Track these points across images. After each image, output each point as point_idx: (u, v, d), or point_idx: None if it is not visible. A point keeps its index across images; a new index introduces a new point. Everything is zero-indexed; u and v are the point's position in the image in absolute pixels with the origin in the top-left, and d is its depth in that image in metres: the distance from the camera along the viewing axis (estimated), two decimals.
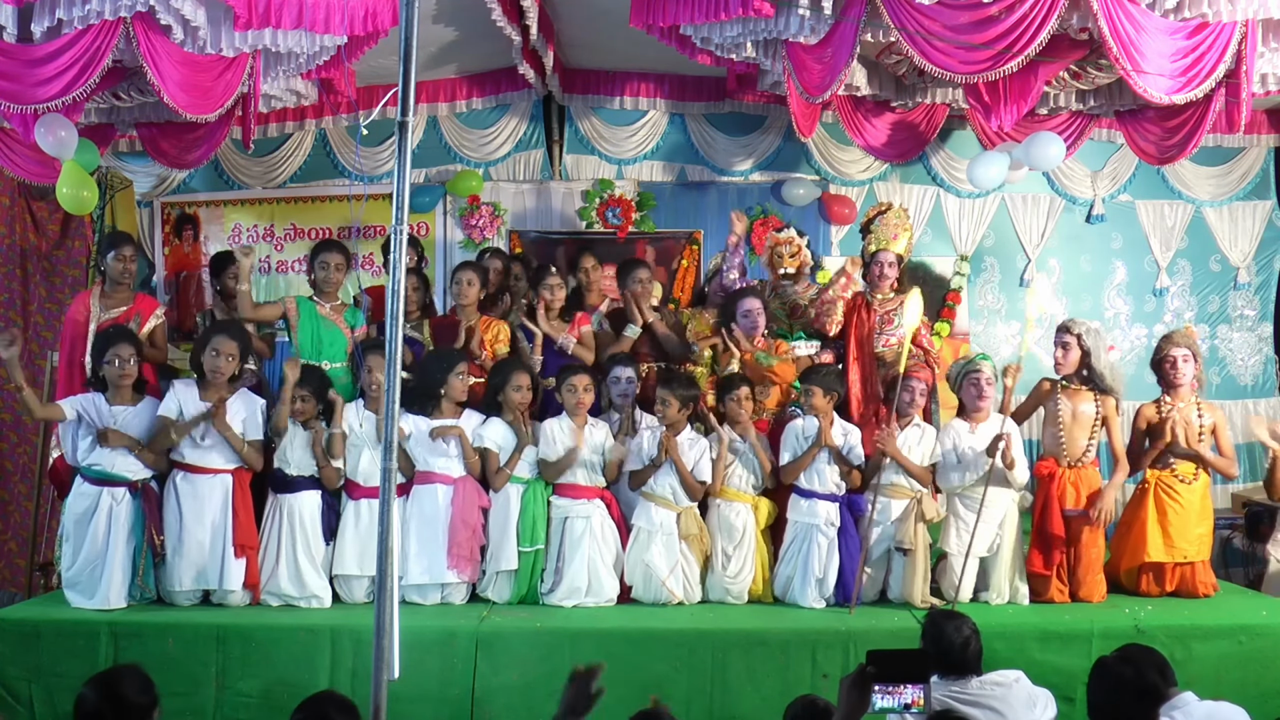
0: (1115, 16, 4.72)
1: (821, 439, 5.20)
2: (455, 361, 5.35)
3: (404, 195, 3.38)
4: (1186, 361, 5.46)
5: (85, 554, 4.98)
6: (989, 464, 5.09)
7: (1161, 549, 5.37)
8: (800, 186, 7.60)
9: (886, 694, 2.61)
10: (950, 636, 3.47)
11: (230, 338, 5.14)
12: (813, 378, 5.34)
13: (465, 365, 5.38)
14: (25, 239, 7.40)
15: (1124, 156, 7.55)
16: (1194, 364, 5.49)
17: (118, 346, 5.03)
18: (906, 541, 5.19)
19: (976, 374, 5.35)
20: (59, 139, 5.32)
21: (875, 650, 2.64)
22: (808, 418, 5.33)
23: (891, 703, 2.59)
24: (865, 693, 2.57)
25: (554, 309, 5.93)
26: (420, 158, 7.43)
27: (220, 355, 5.07)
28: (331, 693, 3.13)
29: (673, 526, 5.19)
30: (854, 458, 5.30)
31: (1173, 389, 5.50)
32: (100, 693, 2.85)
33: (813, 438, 5.25)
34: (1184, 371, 5.46)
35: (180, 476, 5.08)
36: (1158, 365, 5.59)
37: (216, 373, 5.07)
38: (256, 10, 4.71)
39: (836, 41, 5.15)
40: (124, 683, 2.87)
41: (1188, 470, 5.44)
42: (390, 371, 3.39)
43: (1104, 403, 5.41)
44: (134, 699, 2.84)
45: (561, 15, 6.35)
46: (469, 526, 5.19)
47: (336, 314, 5.71)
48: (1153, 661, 3.26)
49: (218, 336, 5.15)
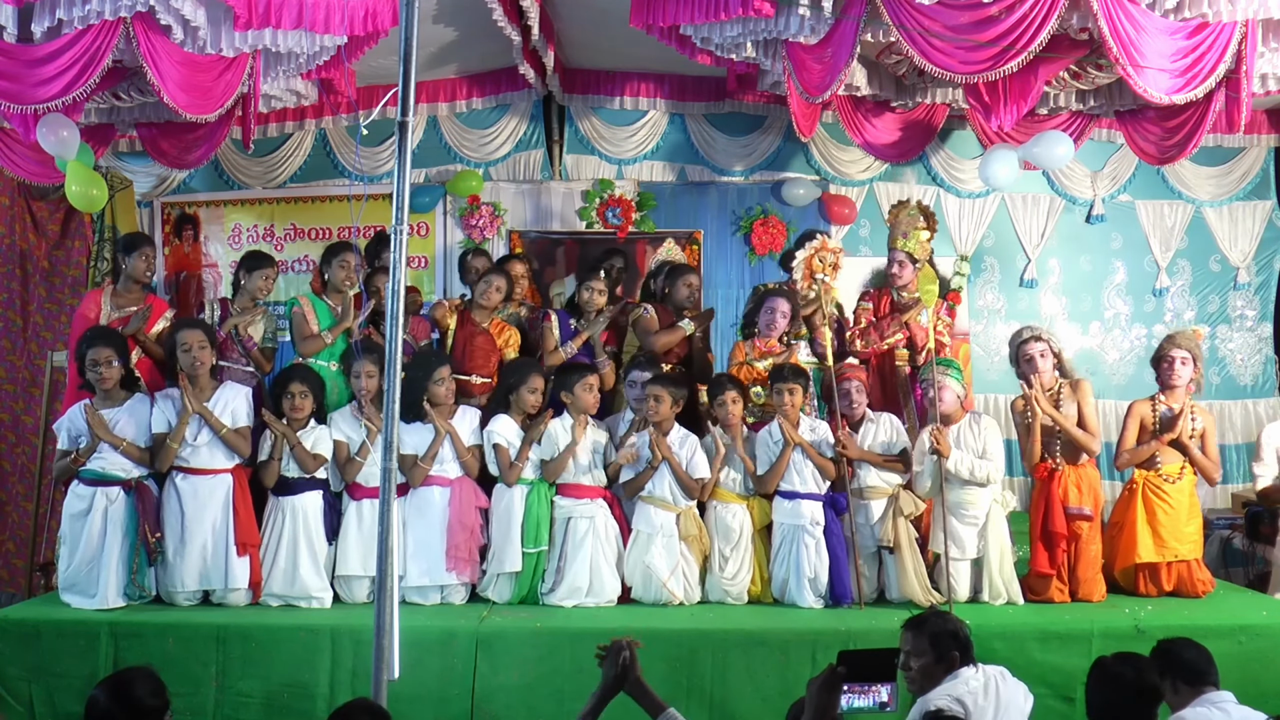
0: (1115, 16, 4.71)
1: (791, 439, 5.21)
2: (435, 367, 5.32)
3: (404, 195, 3.39)
4: (1185, 364, 5.48)
5: (81, 554, 4.98)
6: (936, 460, 5.16)
7: (1152, 549, 5.38)
8: (800, 186, 7.60)
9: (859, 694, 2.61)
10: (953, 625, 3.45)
11: (194, 328, 5.19)
12: (792, 377, 5.34)
13: (446, 370, 5.34)
14: (25, 239, 7.40)
15: (1124, 156, 7.55)
16: (1193, 367, 5.51)
17: (95, 350, 5.01)
18: (887, 539, 5.21)
19: (925, 382, 5.40)
20: (61, 139, 5.32)
21: (846, 650, 2.65)
22: (774, 422, 5.33)
23: (863, 702, 2.60)
24: (835, 694, 2.57)
25: (591, 311, 5.90)
26: (420, 158, 7.42)
27: (191, 348, 5.08)
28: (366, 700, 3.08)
29: (673, 528, 5.19)
30: (826, 450, 5.30)
31: (1168, 389, 5.53)
32: (112, 695, 2.83)
33: (781, 441, 5.26)
34: (1180, 374, 5.48)
35: (180, 477, 5.09)
36: (1156, 363, 5.63)
37: (194, 365, 5.09)
38: (256, 10, 4.71)
39: (836, 41, 5.15)
40: (136, 685, 2.85)
41: (1174, 470, 5.45)
42: (390, 372, 3.40)
43: (1078, 389, 5.44)
44: (146, 702, 2.82)
45: (562, 15, 6.35)
46: (466, 528, 5.19)
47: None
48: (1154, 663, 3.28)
49: (182, 331, 5.18)
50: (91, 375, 5.01)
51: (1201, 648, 3.40)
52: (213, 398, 5.14)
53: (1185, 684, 3.31)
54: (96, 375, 5.00)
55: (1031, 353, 5.47)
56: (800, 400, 5.33)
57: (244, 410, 5.19)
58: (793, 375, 5.34)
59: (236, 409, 5.16)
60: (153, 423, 5.09)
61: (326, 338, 5.60)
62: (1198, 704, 3.25)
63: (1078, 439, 5.34)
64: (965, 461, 5.21)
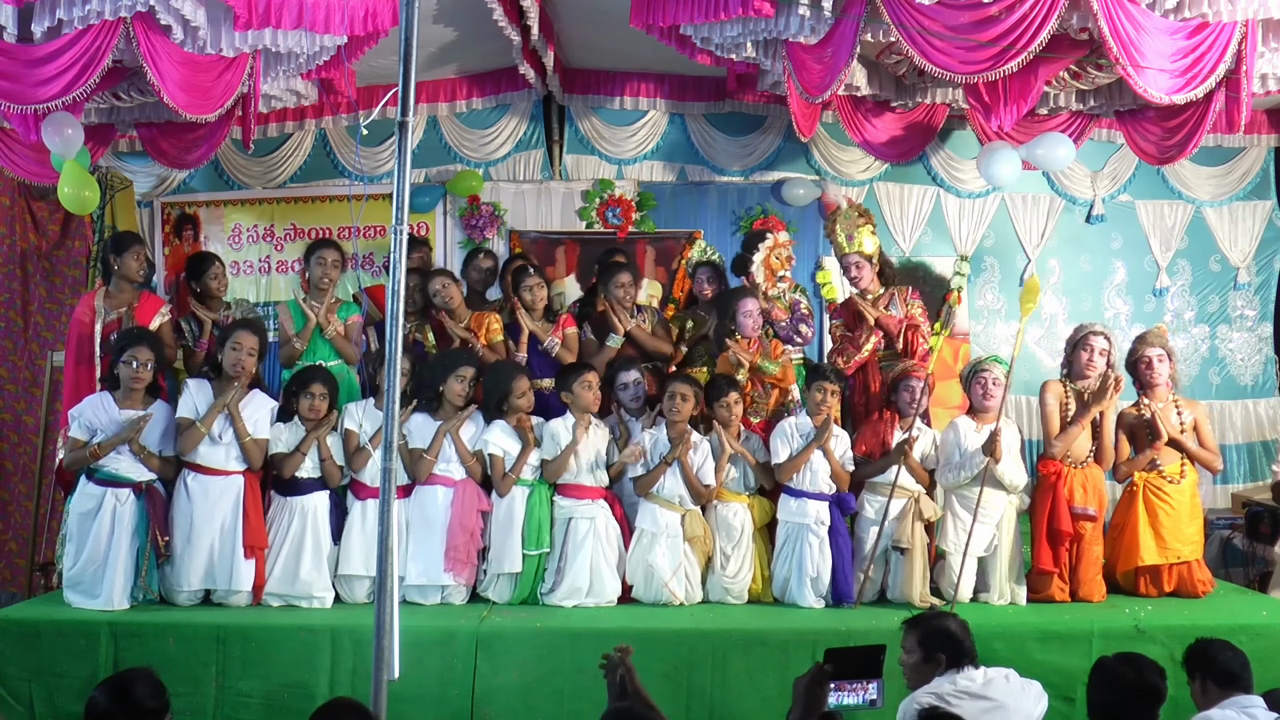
0: (1115, 16, 4.71)
1: (821, 438, 5.21)
2: (458, 364, 5.34)
3: (404, 195, 3.38)
4: (1162, 361, 5.50)
5: (88, 554, 4.98)
6: (984, 462, 5.13)
7: (1155, 551, 5.38)
8: (800, 186, 7.60)
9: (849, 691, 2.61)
10: (952, 625, 3.45)
11: (252, 333, 5.22)
12: (831, 377, 5.36)
13: (470, 369, 5.36)
14: (25, 239, 7.41)
15: (1124, 156, 7.55)
16: (1169, 363, 5.53)
17: (136, 349, 5.03)
18: (904, 541, 5.20)
19: (984, 374, 5.37)
20: (66, 137, 5.32)
21: (833, 648, 2.65)
22: (801, 415, 5.33)
23: (852, 700, 2.60)
24: (821, 691, 2.57)
25: (536, 309, 5.90)
26: (420, 158, 7.42)
27: (242, 350, 5.12)
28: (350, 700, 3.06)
29: (677, 529, 5.19)
30: (846, 461, 5.31)
31: (1150, 389, 5.53)
32: (111, 697, 2.82)
33: (808, 435, 5.25)
34: (1159, 371, 5.49)
35: (191, 477, 5.10)
36: (1133, 367, 5.62)
37: (237, 367, 5.12)
38: (256, 10, 4.70)
39: (836, 41, 5.15)
40: (136, 686, 2.84)
41: (1174, 470, 5.45)
42: (390, 372, 3.40)
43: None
44: (146, 703, 2.82)
45: (562, 15, 6.35)
46: (467, 530, 5.19)
47: (331, 312, 5.72)
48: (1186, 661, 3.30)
49: (239, 331, 5.20)
50: (125, 371, 5.01)
51: (1238, 651, 3.38)
52: (244, 400, 5.15)
53: (1216, 685, 3.31)
54: (131, 373, 5.00)
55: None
56: (836, 405, 5.34)
57: (265, 423, 5.20)
58: (835, 376, 5.36)
59: (259, 420, 5.18)
60: (180, 406, 5.11)
61: (297, 343, 5.61)
62: (1227, 705, 3.24)
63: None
64: (1010, 470, 5.21)
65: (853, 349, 5.89)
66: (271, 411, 5.24)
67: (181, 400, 5.13)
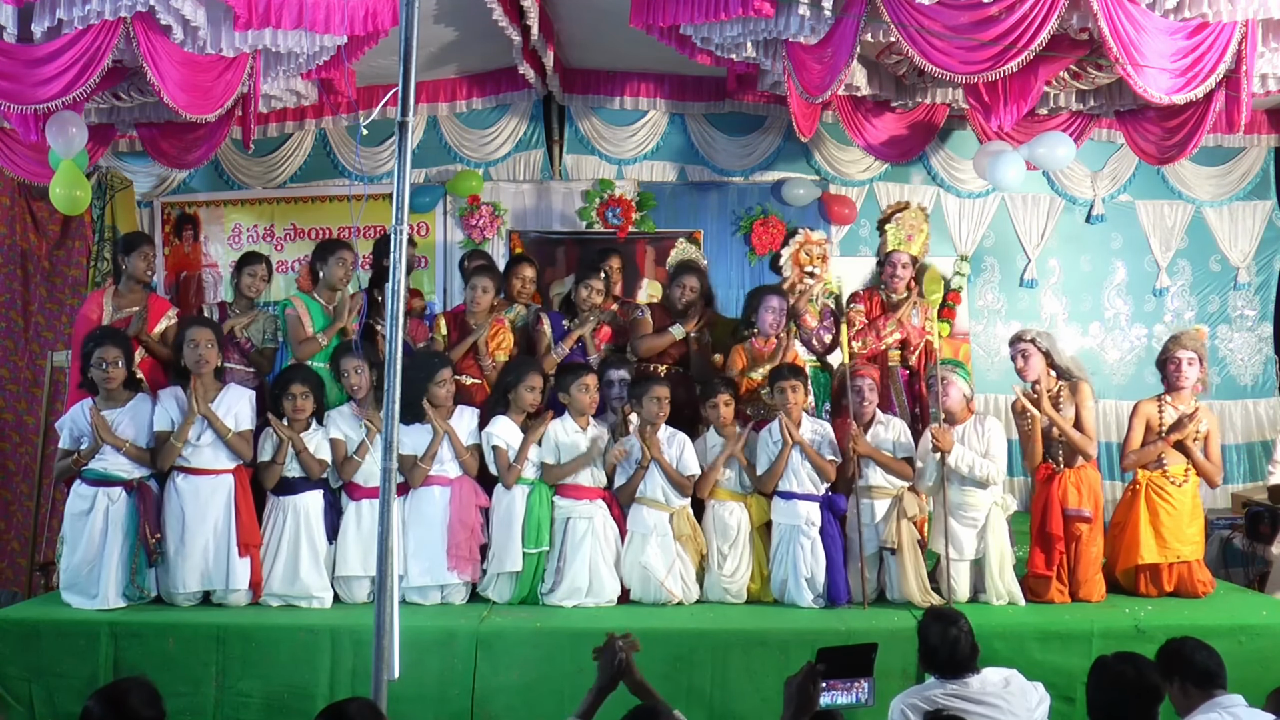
0: (1115, 16, 4.72)
1: (790, 438, 5.20)
2: (436, 369, 5.29)
3: (404, 195, 3.38)
4: (1191, 365, 5.46)
5: (82, 554, 4.97)
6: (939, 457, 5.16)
7: (1155, 550, 5.37)
8: (800, 186, 7.60)
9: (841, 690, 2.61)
10: (934, 639, 3.45)
11: (203, 326, 5.19)
12: (792, 374, 5.31)
13: (448, 372, 5.32)
14: (25, 239, 7.41)
15: (1124, 156, 7.56)
16: (1199, 367, 5.48)
17: (102, 349, 5.00)
18: (890, 541, 5.21)
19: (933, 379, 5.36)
20: (69, 137, 5.32)
21: (825, 647, 2.65)
22: (774, 421, 5.33)
23: (845, 699, 2.60)
24: (813, 690, 2.57)
25: (587, 307, 5.84)
26: (420, 158, 7.43)
27: (199, 345, 5.08)
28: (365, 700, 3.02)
29: (666, 528, 5.19)
30: (827, 451, 5.28)
31: (1175, 390, 5.50)
32: (106, 705, 2.79)
33: (781, 441, 5.25)
34: (1187, 375, 5.46)
35: (181, 478, 5.08)
36: (1162, 365, 5.59)
37: (200, 363, 5.08)
38: (256, 10, 4.71)
39: (836, 41, 5.15)
40: (131, 695, 2.81)
41: (1178, 471, 5.44)
42: (390, 372, 3.40)
43: (1077, 390, 5.41)
44: (141, 712, 2.79)
45: (562, 15, 6.35)
46: (467, 527, 5.19)
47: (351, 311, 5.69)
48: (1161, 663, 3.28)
49: (191, 328, 5.18)
50: (97, 374, 5.00)
51: (1210, 649, 3.36)
52: (217, 399, 5.13)
53: (1194, 686, 3.28)
54: (102, 374, 4.99)
55: (1013, 354, 5.48)
56: (802, 398, 5.32)
57: (247, 413, 5.18)
58: (792, 373, 5.33)
59: (240, 412, 5.16)
60: (155, 420, 5.09)
61: (321, 339, 5.58)
62: (1209, 709, 3.22)
63: (1074, 441, 5.32)
64: (966, 458, 5.19)
65: (874, 337, 5.89)
66: (250, 400, 5.20)
67: (156, 414, 5.09)
